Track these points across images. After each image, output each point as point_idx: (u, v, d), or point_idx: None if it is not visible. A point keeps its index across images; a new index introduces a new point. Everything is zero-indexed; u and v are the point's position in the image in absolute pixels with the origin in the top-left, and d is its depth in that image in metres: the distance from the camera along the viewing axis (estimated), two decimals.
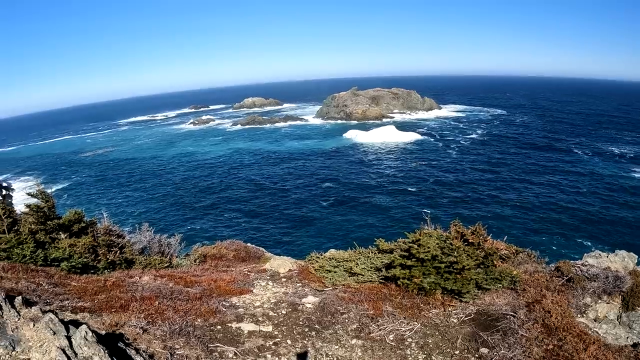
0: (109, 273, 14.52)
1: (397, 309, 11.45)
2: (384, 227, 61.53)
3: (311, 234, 62.54)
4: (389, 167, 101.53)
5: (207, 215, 75.92)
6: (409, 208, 70.69)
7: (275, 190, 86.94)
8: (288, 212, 72.87)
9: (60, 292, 10.61)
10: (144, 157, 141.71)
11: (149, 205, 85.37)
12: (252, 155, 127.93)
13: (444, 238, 13.41)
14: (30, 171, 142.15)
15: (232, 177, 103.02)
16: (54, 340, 6.54)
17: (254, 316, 11.49)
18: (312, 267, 15.69)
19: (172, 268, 17.25)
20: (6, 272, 11.69)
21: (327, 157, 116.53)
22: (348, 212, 71.00)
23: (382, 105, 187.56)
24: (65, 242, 15.28)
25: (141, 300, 10.44)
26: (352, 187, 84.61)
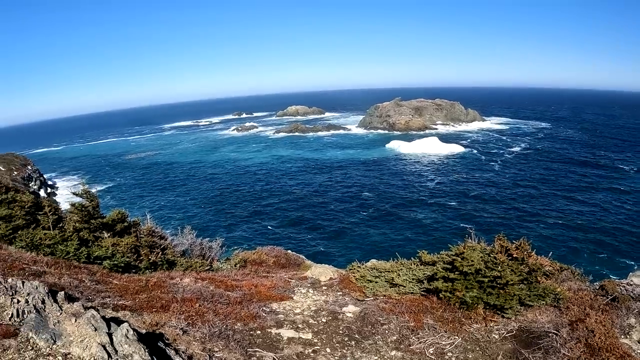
0: (151, 273, 14.60)
1: (438, 322, 11.16)
2: (422, 242, 60.65)
3: (348, 246, 62.11)
4: (430, 179, 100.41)
5: (247, 221, 76.29)
6: (448, 223, 69.65)
7: (316, 199, 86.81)
8: (327, 222, 72.64)
9: (102, 289, 10.66)
10: (187, 162, 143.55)
11: (190, 209, 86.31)
12: (294, 163, 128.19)
13: (487, 252, 13.09)
14: (74, 171, 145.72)
15: (273, 184, 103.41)
16: (95, 336, 6.51)
17: (294, 323, 11.35)
18: (353, 277, 15.46)
19: (213, 271, 17.24)
20: (49, 267, 11.83)
21: (368, 168, 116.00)
22: (386, 225, 70.37)
23: (425, 116, 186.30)
24: (108, 241, 15.46)
25: (182, 301, 10.41)
26: (392, 199, 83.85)
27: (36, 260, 12.24)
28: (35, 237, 14.03)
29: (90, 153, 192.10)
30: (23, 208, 15.95)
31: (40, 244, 13.74)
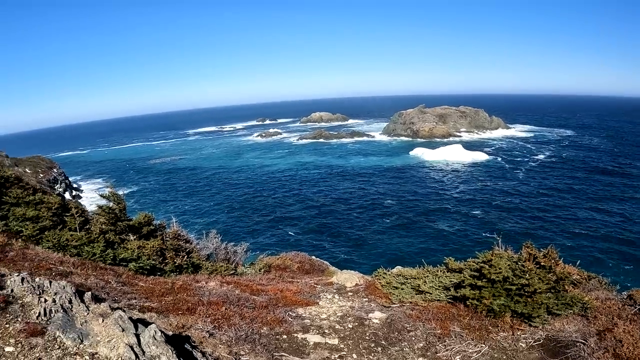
0: (176, 276, 14.63)
1: (465, 329, 11.02)
2: (445, 251, 59.81)
3: (370, 254, 61.58)
4: (454, 187, 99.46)
5: (269, 227, 76.32)
6: (471, 232, 68.80)
7: (338, 207, 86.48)
8: (349, 230, 72.30)
9: (128, 291, 10.68)
10: (211, 167, 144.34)
11: (213, 214, 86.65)
12: (317, 169, 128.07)
13: (514, 260, 12.90)
14: (99, 174, 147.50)
15: (296, 191, 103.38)
16: (122, 336, 6.49)
17: (320, 328, 11.27)
18: (379, 283, 15.35)
19: (238, 276, 17.23)
20: (76, 267, 11.89)
21: (392, 175, 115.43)
22: (409, 233, 69.82)
23: (449, 123, 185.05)
24: (134, 243, 15.51)
25: (208, 304, 10.38)
26: (415, 207, 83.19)
27: (63, 261, 12.32)
28: (62, 238, 14.13)
29: (114, 157, 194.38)
30: (50, 209, 16.07)
31: (66, 244, 13.84)
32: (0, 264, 11.17)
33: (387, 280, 15.22)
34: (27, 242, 13.84)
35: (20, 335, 6.42)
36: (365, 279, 16.59)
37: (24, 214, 15.52)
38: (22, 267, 11.03)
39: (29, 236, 14.40)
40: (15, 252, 12.04)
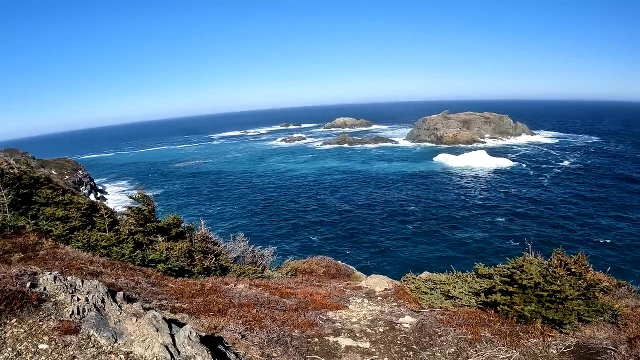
0: (204, 278, 14.61)
1: (496, 335, 10.86)
2: (467, 261, 59.36)
3: (393, 260, 61.05)
4: (478, 194, 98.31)
5: (292, 233, 76.24)
6: (494, 239, 67.63)
7: (361, 213, 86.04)
8: (372, 236, 71.76)
9: (158, 292, 10.66)
10: (235, 171, 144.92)
11: (237, 218, 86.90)
12: (341, 175, 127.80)
13: (545, 266, 12.71)
14: (124, 177, 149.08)
15: (319, 196, 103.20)
16: (157, 336, 6.44)
17: (352, 332, 11.18)
18: (408, 288, 15.23)
19: (266, 279, 17.17)
20: (106, 268, 11.92)
21: (415, 181, 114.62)
22: (431, 240, 69.08)
23: (474, 129, 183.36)
24: (163, 245, 15.55)
25: (239, 307, 10.32)
26: (438, 215, 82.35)
27: (93, 261, 12.36)
28: (92, 238, 14.20)
29: (139, 160, 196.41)
30: (79, 210, 16.19)
31: (96, 245, 13.90)
32: (32, 262, 11.23)
33: (416, 286, 15.12)
34: (57, 241, 13.93)
35: (54, 333, 6.40)
36: (394, 284, 16.44)
37: (54, 214, 15.65)
38: (53, 266, 11.08)
39: (58, 236, 14.49)
40: (46, 251, 12.11)
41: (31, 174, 17.94)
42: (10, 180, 16.57)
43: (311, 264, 24.03)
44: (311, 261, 24.86)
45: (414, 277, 16.48)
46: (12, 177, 16.91)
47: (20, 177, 17.38)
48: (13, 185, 16.57)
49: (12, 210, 15.38)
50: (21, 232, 13.53)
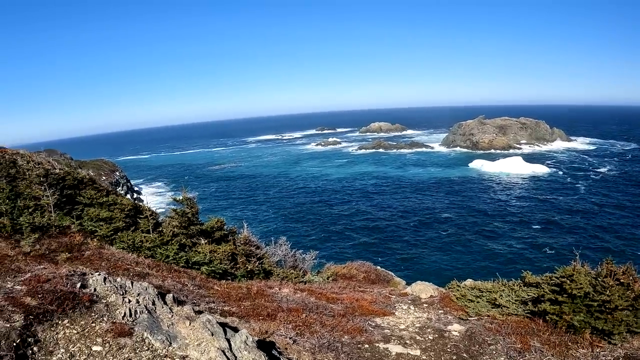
0: (247, 281, 14.52)
1: (544, 345, 10.59)
2: (502, 270, 58.25)
3: (425, 268, 60.26)
4: (513, 201, 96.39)
5: (327, 236, 75.93)
6: (529, 247, 65.85)
7: (396, 218, 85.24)
8: (405, 242, 70.82)
9: (205, 294, 10.57)
10: (270, 175, 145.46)
11: (271, 222, 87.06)
12: (376, 180, 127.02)
13: (594, 275, 12.35)
14: (161, 178, 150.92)
15: (354, 200, 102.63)
16: (212, 341, 6.30)
17: (401, 338, 10.96)
18: (454, 295, 14.97)
19: (308, 283, 17.01)
20: (151, 269, 11.89)
21: (450, 187, 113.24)
22: (464, 248, 67.77)
23: (509, 135, 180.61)
24: (206, 247, 15.50)
25: (288, 311, 10.17)
26: (473, 221, 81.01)
27: (138, 262, 12.35)
28: (136, 239, 14.23)
29: (175, 162, 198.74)
30: (123, 211, 16.26)
31: (140, 246, 13.90)
32: (78, 262, 11.25)
33: (461, 293, 14.90)
34: (102, 242, 13.97)
35: (108, 335, 6.32)
36: (439, 291, 16.16)
37: (98, 214, 15.74)
38: (100, 266, 11.08)
39: (103, 236, 14.55)
40: (92, 251, 12.14)
41: (74, 175, 18.09)
42: (55, 181, 16.73)
43: (351, 269, 23.85)
44: (351, 266, 24.68)
45: (459, 284, 16.24)
46: (56, 177, 17.07)
47: (64, 178, 17.53)
48: (57, 185, 16.72)
49: (56, 210, 15.51)
50: (66, 231, 13.60)
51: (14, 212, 13.87)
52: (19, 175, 17.72)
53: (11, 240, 12.42)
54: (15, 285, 7.89)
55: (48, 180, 16.13)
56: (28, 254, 11.67)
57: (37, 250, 11.78)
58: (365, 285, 19.86)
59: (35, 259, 10.96)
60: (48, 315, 6.44)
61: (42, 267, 9.25)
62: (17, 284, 7.92)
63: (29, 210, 14.14)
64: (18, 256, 11.31)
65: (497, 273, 16.54)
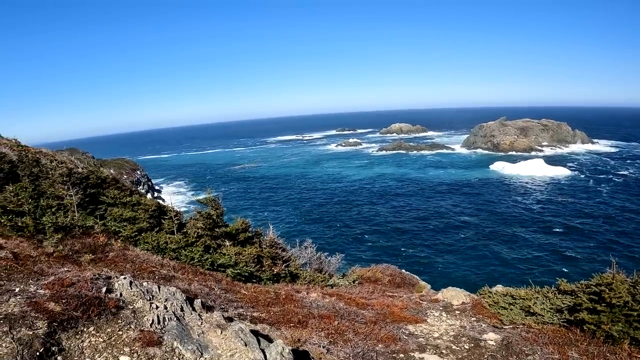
0: (273, 284, 14.19)
1: (583, 355, 10.17)
2: (523, 274, 57.18)
3: (446, 271, 59.69)
4: (534, 204, 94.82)
5: (350, 237, 75.59)
6: (549, 254, 64.63)
7: (415, 219, 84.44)
8: (426, 246, 70.37)
9: (232, 298, 10.24)
10: (290, 175, 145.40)
11: (292, 222, 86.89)
12: (396, 181, 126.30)
13: (631, 283, 11.86)
14: (181, 178, 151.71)
15: (373, 202, 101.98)
16: (246, 351, 5.95)
17: (437, 348, 10.55)
18: (486, 302, 14.53)
19: (335, 287, 16.63)
20: (177, 271, 11.60)
21: (471, 189, 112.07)
22: (485, 250, 67.10)
23: (531, 137, 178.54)
24: (232, 249, 15.18)
25: (319, 318, 9.79)
26: (493, 224, 79.89)
27: (163, 264, 12.06)
28: (160, 240, 13.95)
29: (196, 162, 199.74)
30: (147, 211, 16.00)
31: (165, 247, 13.62)
32: (102, 264, 10.98)
33: (494, 300, 14.48)
34: (126, 242, 13.72)
35: (136, 344, 5.99)
36: (471, 297, 15.69)
37: (121, 214, 15.50)
38: (125, 268, 10.79)
39: (126, 237, 14.29)
40: (116, 253, 11.87)
41: (98, 174, 17.88)
42: (78, 180, 16.53)
43: (375, 272, 23.50)
44: (375, 269, 24.33)
45: (490, 290, 15.82)
46: (79, 176, 16.88)
47: (87, 177, 17.35)
48: (80, 184, 16.53)
49: (79, 210, 15.30)
50: (89, 232, 13.38)
51: (37, 211, 13.68)
52: (42, 174, 17.56)
53: (34, 240, 12.21)
54: (39, 289, 7.61)
55: (71, 179, 15.94)
56: (51, 255, 11.44)
57: (60, 251, 11.54)
58: (391, 289, 19.50)
59: (59, 260, 10.71)
60: (73, 322, 6.13)
61: (66, 270, 8.97)
62: (40, 288, 7.64)
63: (51, 210, 13.93)
64: (41, 257, 11.07)
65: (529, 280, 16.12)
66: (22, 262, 9.86)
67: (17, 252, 11.25)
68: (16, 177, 16.75)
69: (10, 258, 9.89)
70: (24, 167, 17.35)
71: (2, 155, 17.49)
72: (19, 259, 10.38)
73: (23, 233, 12.46)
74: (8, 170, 16.40)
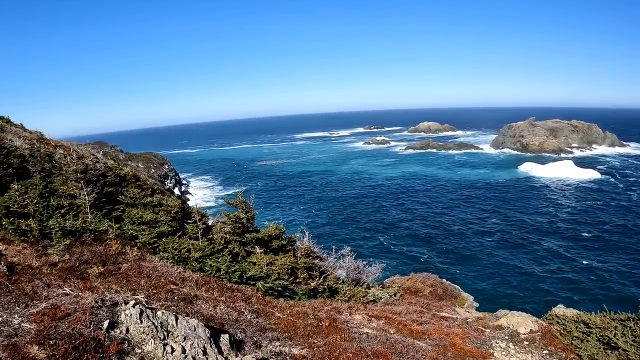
0: (309, 301, 12.45)
1: None
2: (552, 279, 54.76)
3: (473, 274, 57.44)
4: (563, 207, 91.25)
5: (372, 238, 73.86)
6: (578, 261, 61.72)
7: (442, 220, 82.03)
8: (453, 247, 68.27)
9: (265, 325, 8.53)
10: (317, 172, 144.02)
11: (318, 220, 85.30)
12: (423, 180, 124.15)
13: None
14: (208, 173, 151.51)
15: (400, 201, 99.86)
16: None
17: None
18: (557, 330, 12.62)
19: (375, 302, 14.83)
20: (200, 288, 9.92)
21: (498, 191, 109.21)
22: (511, 254, 64.04)
23: (560, 137, 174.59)
24: (263, 259, 13.43)
25: (373, 356, 7.99)
26: (519, 226, 76.93)
27: (184, 278, 10.39)
28: (182, 247, 12.27)
29: (223, 157, 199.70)
30: (169, 213, 14.37)
31: (187, 257, 11.94)
32: (112, 279, 9.34)
33: (566, 328, 12.64)
34: (143, 250, 12.10)
35: None
36: (539, 324, 13.76)
37: (141, 216, 13.89)
38: (138, 285, 9.12)
39: (144, 243, 12.66)
40: (130, 264, 10.24)
41: (117, 171, 16.32)
42: (94, 177, 14.99)
43: (415, 282, 21.84)
44: (415, 278, 22.68)
45: (559, 315, 13.93)
46: (95, 173, 15.32)
47: (104, 174, 15.80)
48: (97, 182, 14.99)
49: (94, 211, 13.71)
50: (102, 237, 11.79)
51: (45, 212, 12.11)
52: (55, 170, 16.03)
53: (38, 246, 10.65)
54: (24, 321, 5.99)
55: (87, 176, 14.38)
56: (55, 266, 9.86)
57: (65, 261, 9.96)
58: (434, 302, 17.86)
59: (62, 274, 9.11)
60: None
61: (63, 293, 7.32)
62: (26, 320, 6.02)
63: (61, 212, 12.35)
64: (42, 268, 9.49)
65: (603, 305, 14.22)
66: (16, 277, 8.25)
67: (16, 261, 9.67)
68: (27, 172, 15.27)
69: (2, 273, 8.30)
70: (35, 162, 15.85)
71: (12, 148, 16.02)
72: (15, 272, 8.78)
73: (27, 237, 10.92)
74: (18, 166, 14.92)
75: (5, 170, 14.34)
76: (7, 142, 17.26)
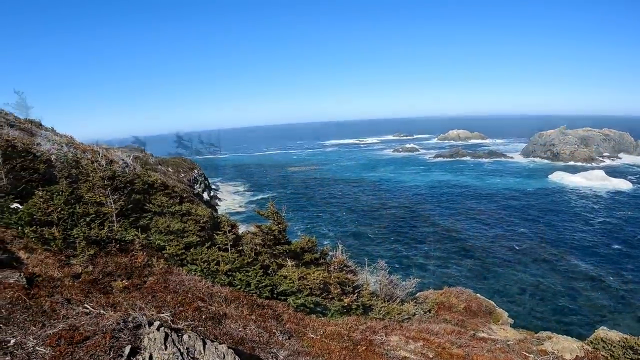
0: (342, 318, 11.88)
1: None
2: (582, 297, 53.43)
3: (496, 288, 56.07)
4: (594, 218, 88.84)
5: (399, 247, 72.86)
6: (613, 275, 59.99)
7: (470, 230, 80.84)
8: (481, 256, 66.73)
9: (298, 349, 7.98)
10: (346, 180, 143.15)
11: (345, 229, 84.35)
12: (452, 188, 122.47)
13: None
14: (239, 178, 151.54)
15: (429, 210, 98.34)
16: None
17: None
18: (603, 357, 11.85)
19: (409, 320, 14.19)
20: (229, 304, 9.41)
21: (528, 201, 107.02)
22: (540, 268, 62.28)
23: (592, 146, 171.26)
24: (295, 273, 12.86)
25: None
26: (551, 239, 75.14)
27: (212, 293, 9.89)
28: (211, 259, 11.79)
29: (253, 162, 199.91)
30: (198, 223, 13.93)
31: (216, 270, 11.44)
32: (137, 294, 8.87)
33: (613, 355, 11.79)
34: (170, 261, 11.64)
35: None
36: (585, 349, 12.95)
37: (168, 226, 13.45)
38: (164, 301, 8.63)
39: (171, 254, 12.20)
40: (156, 278, 9.78)
41: (145, 178, 15.93)
42: (122, 184, 14.61)
43: (449, 296, 21.10)
44: (448, 292, 22.01)
45: (604, 339, 13.11)
46: (123, 180, 14.95)
47: (132, 181, 15.43)
48: (124, 189, 14.61)
49: (120, 219, 13.31)
50: (128, 247, 11.39)
51: (70, 220, 11.73)
52: (82, 176, 15.70)
53: (61, 255, 10.24)
54: (39, 344, 5.53)
55: (114, 183, 14.01)
56: (77, 277, 9.42)
57: (89, 273, 9.52)
58: (469, 318, 17.25)
59: (84, 287, 8.66)
60: None
61: (84, 311, 6.84)
62: (41, 343, 5.55)
63: (86, 220, 11.94)
64: (64, 280, 9.05)
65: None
66: (36, 291, 7.80)
67: (37, 272, 9.24)
68: (53, 178, 14.97)
69: (20, 286, 7.86)
70: (62, 167, 15.56)
71: (38, 154, 15.74)
72: (35, 284, 8.35)
73: (50, 246, 10.53)
74: (44, 171, 14.62)
75: (31, 175, 14.06)
76: (35, 147, 17.01)
